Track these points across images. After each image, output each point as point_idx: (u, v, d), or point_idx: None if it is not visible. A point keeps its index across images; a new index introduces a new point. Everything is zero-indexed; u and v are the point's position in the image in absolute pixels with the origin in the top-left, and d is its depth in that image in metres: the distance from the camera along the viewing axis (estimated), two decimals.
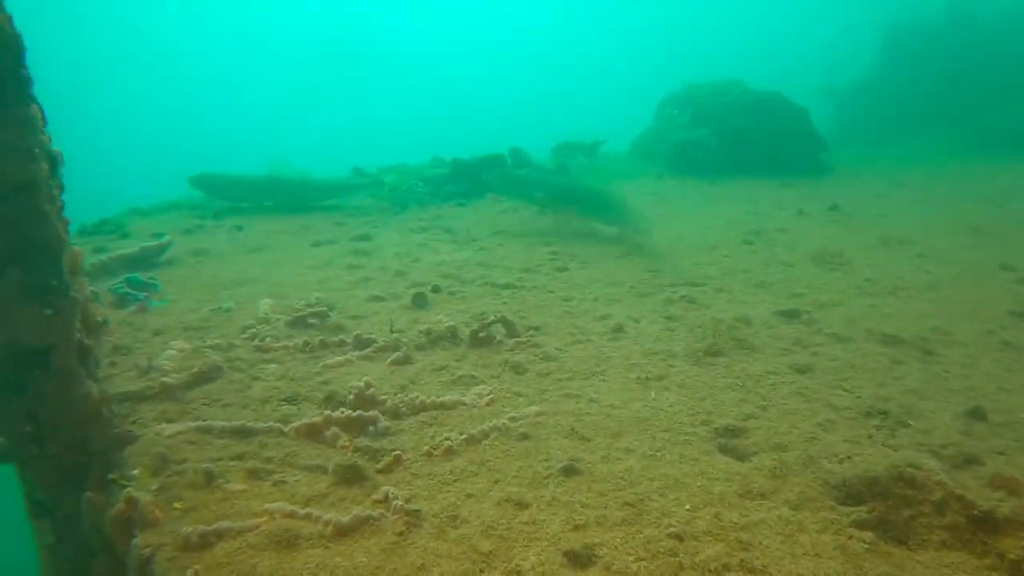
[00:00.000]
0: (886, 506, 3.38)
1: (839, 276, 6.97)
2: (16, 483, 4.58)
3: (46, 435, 4.22)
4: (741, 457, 3.82)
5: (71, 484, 4.40)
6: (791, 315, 5.75)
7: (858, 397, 4.44)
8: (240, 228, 9.16)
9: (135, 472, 3.95)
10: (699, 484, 3.53)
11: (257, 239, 8.69)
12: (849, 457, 3.75)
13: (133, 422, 4.52)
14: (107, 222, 9.21)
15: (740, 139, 13.21)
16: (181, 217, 10.05)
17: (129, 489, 3.70)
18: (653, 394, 4.48)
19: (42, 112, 3.90)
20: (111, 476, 4.04)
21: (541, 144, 14.65)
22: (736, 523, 3.22)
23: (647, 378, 4.69)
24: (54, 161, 3.99)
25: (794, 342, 5.26)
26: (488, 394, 4.51)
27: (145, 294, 6.53)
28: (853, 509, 3.36)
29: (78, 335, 4.17)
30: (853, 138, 16.84)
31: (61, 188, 4.29)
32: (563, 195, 8.92)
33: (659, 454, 3.80)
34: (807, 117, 13.97)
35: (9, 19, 3.52)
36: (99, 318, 4.70)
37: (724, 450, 3.90)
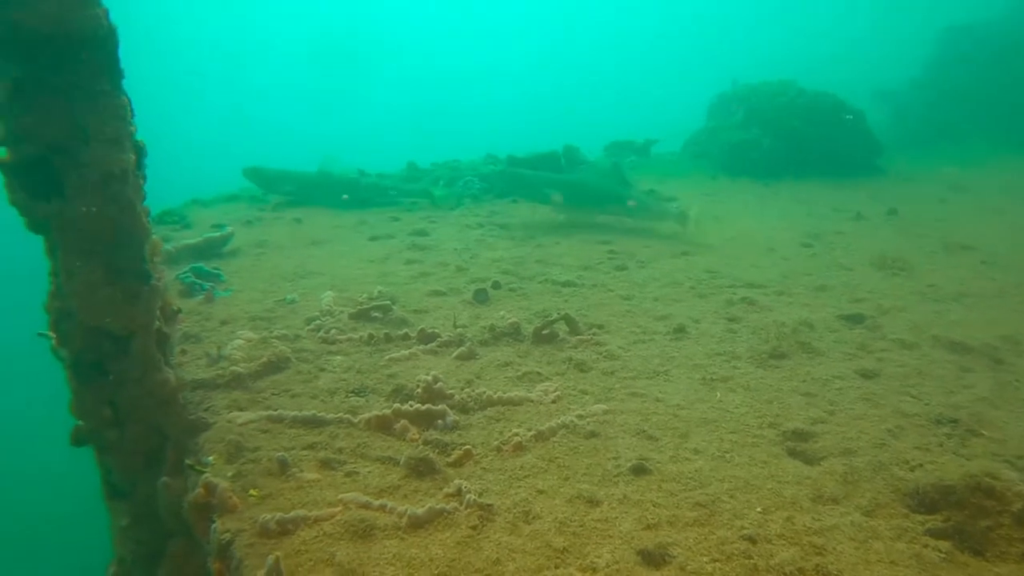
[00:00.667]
0: (962, 516, 3.34)
1: (901, 281, 6.88)
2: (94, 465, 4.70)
3: (124, 420, 4.33)
4: (810, 461, 3.81)
5: (147, 468, 4.51)
6: (854, 320, 5.70)
7: (927, 404, 4.39)
8: (299, 221, 9.31)
9: (210, 459, 4.03)
10: (769, 487, 3.52)
11: (316, 232, 8.82)
12: (921, 465, 3.71)
13: (206, 409, 4.62)
14: (171, 213, 9.41)
15: (794, 140, 13.06)
16: (240, 208, 10.24)
17: (207, 475, 3.79)
18: (719, 395, 4.47)
19: (130, 104, 4.01)
20: (188, 462, 4.14)
21: (593, 143, 14.68)
22: (809, 527, 3.22)
23: (712, 379, 4.69)
24: (140, 152, 4.08)
25: (858, 347, 5.22)
26: (554, 391, 4.54)
27: (211, 284, 6.66)
28: (927, 517, 3.33)
29: (157, 323, 4.26)
30: (907, 140, 16.54)
31: (144, 178, 4.41)
32: (573, 192, 8.92)
33: (728, 456, 3.80)
34: (862, 118, 13.78)
35: (106, 13, 3.62)
36: (173, 307, 4.82)
37: (793, 454, 3.88)
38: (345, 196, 9.89)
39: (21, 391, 16.31)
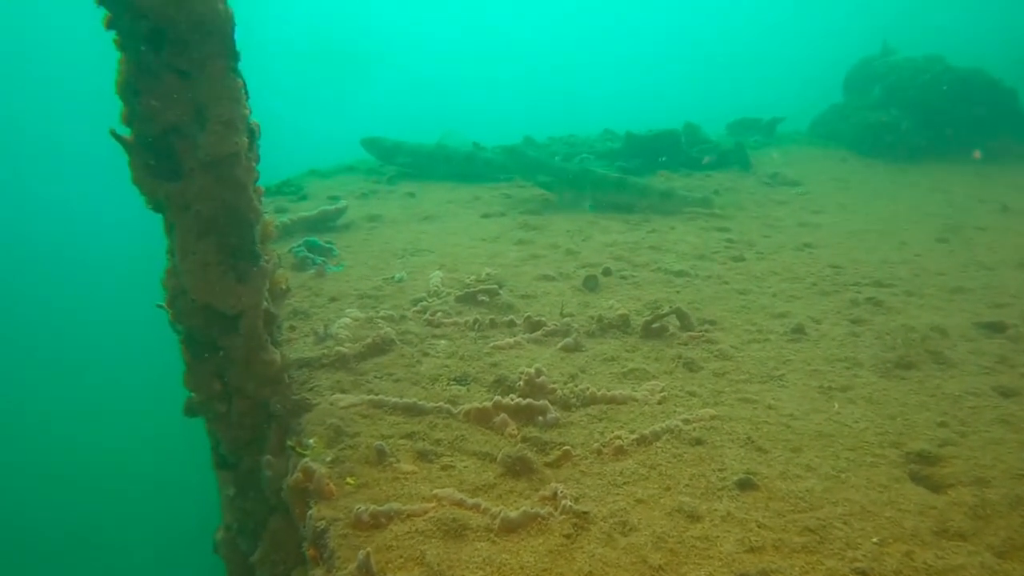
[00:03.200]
0: None
1: None
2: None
3: (232, 394, 4.45)
4: (936, 488, 3.52)
5: (253, 442, 4.63)
6: (995, 328, 5.24)
7: None
8: (412, 195, 9.36)
9: (311, 441, 4.09)
10: (888, 515, 3.27)
11: (428, 207, 8.85)
12: None
13: (310, 389, 4.69)
14: (288, 183, 9.64)
15: (936, 121, 12.17)
16: (356, 180, 10.38)
17: (307, 460, 3.84)
18: (837, 406, 4.20)
19: (245, 86, 4.05)
20: (290, 443, 4.21)
21: (717, 119, 14.14)
22: (931, 566, 2.96)
23: (830, 388, 4.41)
24: (252, 134, 4.12)
25: (998, 360, 4.79)
26: (660, 391, 4.38)
27: (323, 259, 6.77)
28: None
29: (265, 303, 4.34)
30: None
31: (257, 159, 4.47)
32: (574, 178, 8.61)
33: (843, 476, 3.56)
34: (1015, 98, 12.70)
35: None
36: (283, 285, 4.90)
37: (916, 478, 3.60)
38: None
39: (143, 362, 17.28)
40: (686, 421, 4.03)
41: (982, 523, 3.25)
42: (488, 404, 4.21)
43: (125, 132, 3.88)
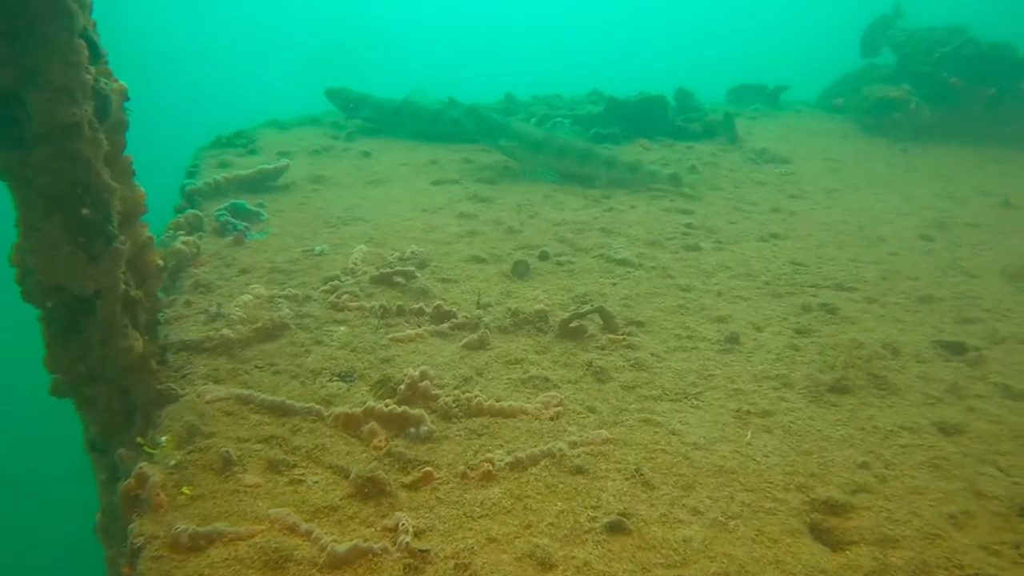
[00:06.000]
0: None
1: None
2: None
3: (96, 378, 4.18)
4: (835, 546, 3.15)
5: (120, 428, 4.38)
6: (955, 349, 4.78)
7: (1016, 483, 3.57)
8: (368, 154, 8.93)
9: (163, 439, 3.80)
10: None
11: (380, 169, 8.42)
12: None
13: (183, 376, 4.38)
14: (240, 135, 9.23)
15: (950, 100, 11.52)
16: (316, 134, 9.95)
17: (143, 465, 3.55)
18: (749, 435, 3.82)
19: (94, 48, 3.67)
20: (139, 439, 3.93)
21: (715, 86, 13.48)
22: None
23: (748, 412, 4.02)
24: (105, 101, 3.76)
25: (948, 389, 4.35)
26: (556, 405, 4.01)
27: (245, 224, 6.41)
28: None
29: (124, 286, 4.03)
30: None
31: (124, 126, 4.11)
32: (536, 145, 8.13)
33: (732, 524, 3.20)
34: None
35: None
36: (160, 261, 4.56)
37: (816, 531, 3.23)
38: None
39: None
40: (573, 444, 3.68)
41: None
42: (359, 410, 3.88)
43: None
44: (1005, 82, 11.67)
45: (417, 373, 4.07)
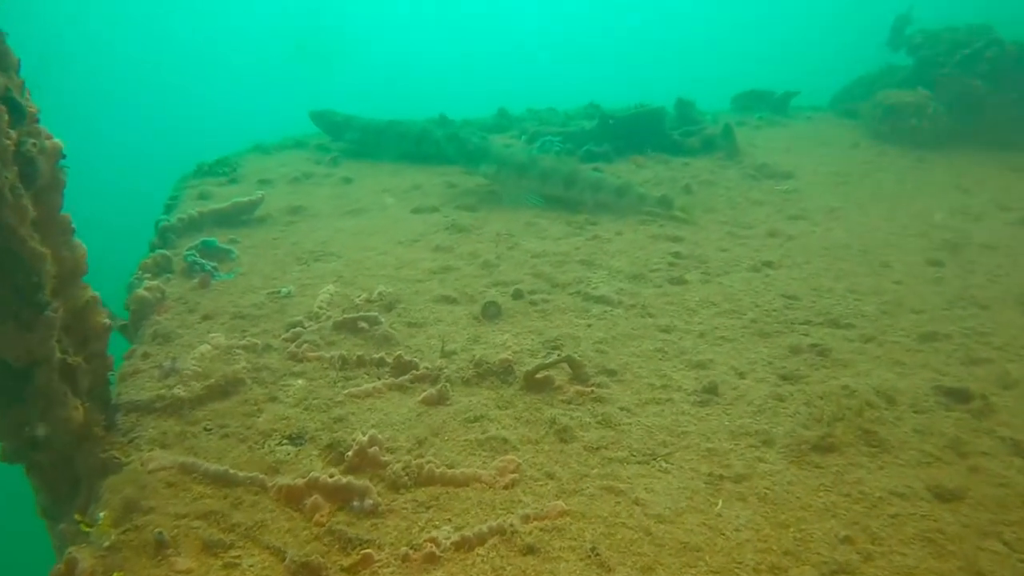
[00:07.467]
0: None
1: None
2: None
3: (40, 446, 4.11)
4: None
5: (67, 496, 4.31)
6: (958, 396, 4.49)
7: (1022, 561, 3.34)
8: (349, 180, 8.82)
9: (101, 515, 3.68)
10: None
11: (360, 196, 8.30)
12: None
13: (130, 441, 4.29)
14: (223, 162, 9.16)
15: (971, 105, 11.20)
16: (299, 159, 9.86)
17: (72, 550, 3.45)
18: (720, 505, 3.63)
19: (17, 110, 3.58)
20: (76, 516, 3.82)
21: (725, 90, 13.23)
22: None
23: (722, 476, 3.82)
24: (30, 164, 3.67)
25: (949, 444, 4.06)
26: (512, 471, 3.85)
27: (214, 264, 6.30)
28: None
29: (62, 353, 3.95)
30: None
31: (59, 185, 4.02)
32: (520, 168, 7.99)
33: None
34: None
35: None
36: (106, 321, 4.45)
37: None
38: None
39: None
40: (526, 519, 3.51)
41: None
42: (302, 482, 3.74)
43: None
44: None
45: (366, 438, 3.93)
